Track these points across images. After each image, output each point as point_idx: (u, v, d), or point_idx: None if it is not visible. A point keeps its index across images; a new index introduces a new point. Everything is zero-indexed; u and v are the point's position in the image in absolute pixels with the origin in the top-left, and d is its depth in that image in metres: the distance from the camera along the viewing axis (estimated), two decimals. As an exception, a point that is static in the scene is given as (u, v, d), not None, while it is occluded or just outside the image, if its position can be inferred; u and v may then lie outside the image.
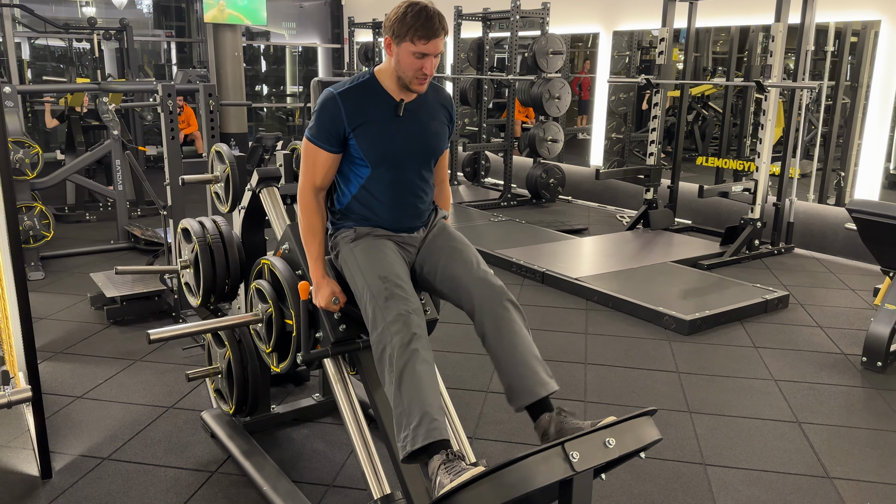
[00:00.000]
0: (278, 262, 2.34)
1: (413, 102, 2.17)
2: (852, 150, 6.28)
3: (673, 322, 4.16)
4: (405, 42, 2.02)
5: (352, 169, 2.18)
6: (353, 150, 2.14)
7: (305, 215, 2.17)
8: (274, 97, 13.58)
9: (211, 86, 4.48)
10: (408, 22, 1.99)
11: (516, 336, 2.03)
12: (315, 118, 2.13)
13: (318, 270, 2.16)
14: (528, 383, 1.98)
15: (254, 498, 2.50)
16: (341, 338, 2.19)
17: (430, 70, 2.06)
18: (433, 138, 2.22)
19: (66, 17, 11.00)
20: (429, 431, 1.81)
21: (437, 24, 2.01)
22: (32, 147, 5.15)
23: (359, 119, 2.10)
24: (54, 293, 4.75)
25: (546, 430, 1.96)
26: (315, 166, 2.15)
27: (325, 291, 2.14)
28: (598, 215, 7.44)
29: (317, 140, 2.13)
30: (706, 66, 8.72)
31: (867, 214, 3.65)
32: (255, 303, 2.44)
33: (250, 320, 2.43)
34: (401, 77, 2.09)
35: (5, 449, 2.82)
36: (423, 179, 2.23)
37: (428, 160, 2.23)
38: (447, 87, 10.23)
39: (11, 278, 2.46)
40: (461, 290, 2.10)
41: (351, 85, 2.13)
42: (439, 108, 2.24)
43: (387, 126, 2.13)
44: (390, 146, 2.13)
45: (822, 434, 3.03)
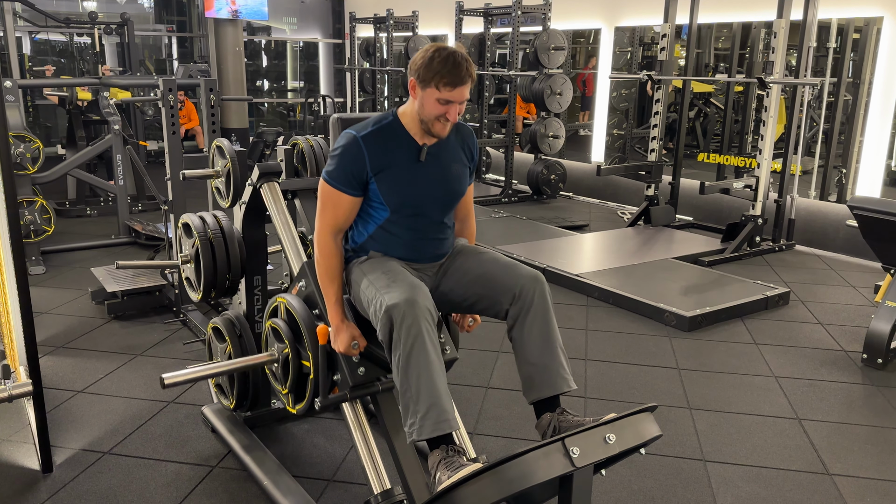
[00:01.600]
0: (295, 301, 2.25)
1: (435, 145, 2.11)
2: (854, 147, 6.27)
3: (673, 318, 4.16)
4: (430, 87, 1.97)
5: (370, 211, 2.12)
6: (372, 193, 2.08)
7: (324, 258, 2.10)
8: (275, 92, 13.56)
9: (212, 81, 4.48)
10: (434, 67, 1.95)
11: (551, 327, 2.02)
12: (336, 160, 2.06)
13: (336, 314, 2.09)
14: (551, 376, 1.98)
15: (254, 492, 2.51)
16: (360, 381, 2.13)
17: (454, 117, 2.01)
18: (454, 182, 2.16)
19: (67, 11, 10.99)
20: (436, 424, 1.81)
21: (464, 72, 1.96)
22: (33, 141, 5.14)
23: (381, 164, 2.05)
24: (55, 288, 4.75)
25: (545, 430, 1.97)
26: (336, 209, 2.09)
27: (345, 336, 2.07)
28: (599, 212, 7.43)
29: (338, 184, 2.06)
30: (708, 62, 8.70)
31: (868, 211, 3.64)
32: (270, 342, 2.35)
33: (266, 360, 2.34)
34: (423, 120, 2.04)
35: (6, 443, 2.83)
36: (443, 222, 2.17)
37: (450, 204, 2.18)
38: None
39: (12, 273, 2.46)
40: (501, 280, 2.05)
41: (374, 128, 2.07)
42: (461, 149, 2.18)
43: (408, 171, 2.07)
44: (411, 191, 2.08)
45: (822, 431, 3.03)
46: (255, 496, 2.49)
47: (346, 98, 11.83)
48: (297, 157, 2.89)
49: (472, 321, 2.33)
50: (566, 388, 1.99)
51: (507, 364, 3.62)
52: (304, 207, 2.62)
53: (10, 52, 9.73)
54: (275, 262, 4.60)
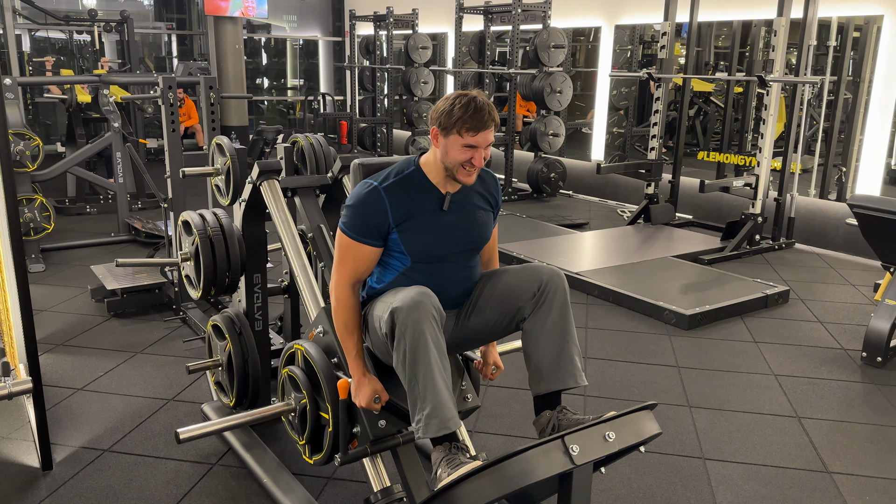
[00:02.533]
0: (312, 348, 2.16)
1: (458, 193, 2.07)
2: (854, 146, 6.27)
3: (673, 317, 4.16)
4: (453, 134, 1.93)
5: (390, 260, 2.07)
6: (392, 243, 2.03)
7: (343, 310, 2.03)
8: (275, 90, 13.55)
9: (212, 78, 4.48)
10: (456, 114, 1.91)
11: (569, 321, 2.02)
12: (355, 212, 2.00)
13: (357, 369, 2.02)
14: (560, 371, 1.97)
15: (254, 490, 2.51)
16: (381, 434, 2.06)
17: (480, 162, 1.96)
18: (479, 228, 2.12)
19: (67, 8, 10.97)
20: (441, 423, 1.80)
21: (486, 116, 1.92)
22: (33, 139, 5.14)
23: (404, 214, 2.00)
24: (55, 285, 4.75)
25: (544, 428, 1.96)
26: (356, 260, 2.03)
27: (367, 391, 2.00)
28: (598, 210, 7.43)
29: (358, 235, 2.00)
30: (708, 60, 8.69)
31: (868, 210, 3.65)
32: (287, 390, 2.26)
33: (283, 411, 2.24)
34: (448, 168, 1.99)
35: (6, 440, 2.83)
36: (467, 267, 2.13)
37: (474, 252, 2.14)
38: (448, 82, 10.23)
39: (12, 270, 2.46)
40: (522, 284, 2.02)
41: (395, 179, 2.01)
42: (484, 195, 2.15)
43: (431, 221, 2.03)
44: (434, 241, 2.03)
45: (822, 429, 3.03)
46: (255, 494, 2.49)
47: (346, 96, 11.82)
48: (297, 155, 2.89)
49: (495, 368, 2.29)
50: (573, 384, 1.97)
51: (507, 363, 3.60)
52: (303, 205, 2.62)
53: (10, 49, 9.71)
54: (274, 260, 4.59)
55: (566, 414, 1.96)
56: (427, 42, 9.31)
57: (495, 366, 2.29)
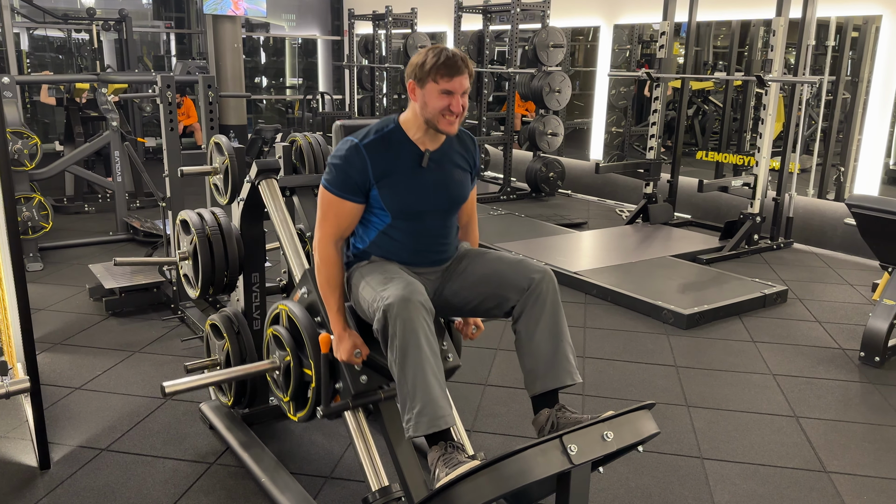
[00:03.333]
0: (297, 308, 2.22)
1: (437, 151, 2.11)
2: (852, 146, 6.28)
3: (671, 316, 4.17)
4: (429, 83, 1.98)
5: (371, 217, 2.12)
6: (373, 200, 2.08)
7: (325, 266, 2.09)
8: (273, 89, 13.54)
9: (210, 77, 4.47)
10: (429, 62, 1.96)
11: (560, 320, 2.03)
12: (337, 168, 2.05)
13: (338, 323, 2.08)
14: (556, 369, 1.98)
15: (252, 489, 2.51)
16: (362, 389, 2.11)
17: (458, 108, 2.00)
18: (457, 187, 2.16)
19: (66, 7, 10.96)
20: (431, 421, 1.81)
21: (459, 62, 1.97)
22: (31, 138, 5.13)
23: (383, 171, 2.04)
24: (53, 284, 4.75)
25: (543, 427, 1.97)
26: (338, 217, 2.08)
27: (347, 345, 2.05)
28: (597, 209, 7.43)
29: (340, 191, 2.05)
30: (707, 60, 8.70)
31: (866, 210, 3.65)
32: (272, 349, 2.32)
33: (267, 368, 2.31)
34: (428, 120, 2.03)
35: (4, 440, 2.82)
36: (445, 227, 2.17)
37: (452, 210, 2.18)
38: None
39: (10, 269, 2.45)
40: (509, 276, 2.04)
41: (375, 136, 2.06)
42: (462, 155, 2.19)
43: (410, 178, 2.08)
44: (413, 198, 2.08)
45: (820, 428, 3.03)
46: (253, 493, 2.49)
47: (345, 95, 11.81)
48: (296, 154, 2.89)
49: (476, 328, 2.33)
50: (570, 382, 1.99)
51: (505, 361, 3.63)
52: (302, 204, 2.62)
53: (8, 48, 9.70)
54: (273, 259, 4.59)
55: (564, 413, 1.96)
56: (426, 41, 9.30)
57: (476, 326, 2.33)
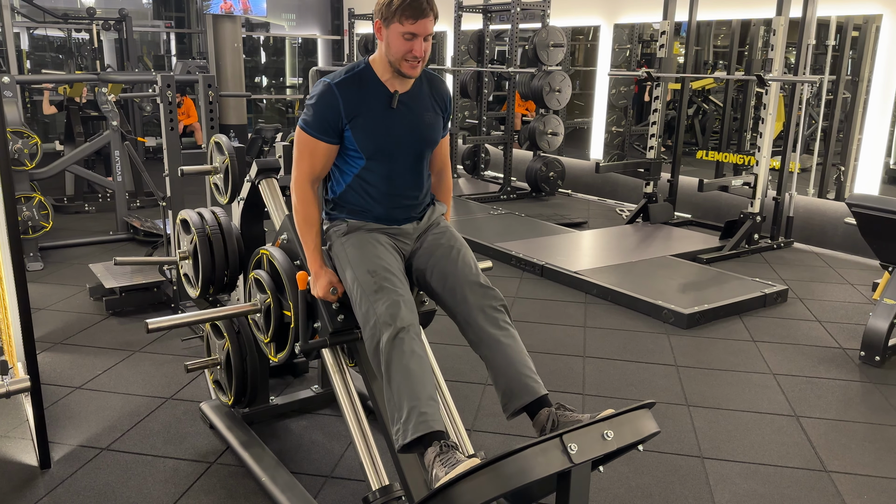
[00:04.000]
0: (277, 252, 2.33)
1: (407, 94, 2.15)
2: (852, 145, 6.27)
3: (672, 316, 4.17)
4: (394, 23, 2.00)
5: (346, 159, 2.18)
6: (347, 141, 2.14)
7: (302, 206, 2.16)
8: (273, 89, 13.54)
9: (210, 77, 4.47)
10: (395, 3, 1.99)
11: (514, 341, 2.07)
12: (312, 109, 2.11)
13: (315, 261, 2.16)
14: (527, 382, 2.01)
15: (252, 489, 2.51)
16: (339, 328, 2.19)
17: (420, 52, 2.03)
18: (427, 130, 2.20)
19: (66, 7, 10.95)
20: (417, 425, 1.82)
21: (424, 4, 1.99)
22: (31, 137, 5.13)
23: (355, 111, 2.09)
24: (53, 284, 4.75)
25: (544, 426, 1.97)
26: (313, 157, 2.14)
27: (323, 281, 2.14)
28: (597, 209, 7.43)
29: (314, 131, 2.11)
30: (707, 59, 8.69)
31: (867, 209, 3.65)
32: (253, 293, 2.44)
33: (249, 310, 2.42)
34: (392, 62, 2.06)
35: (4, 439, 2.83)
36: (417, 171, 2.22)
37: (422, 152, 2.22)
38: (447, 80, 10.22)
39: (10, 269, 2.45)
40: (456, 291, 2.11)
41: (347, 75, 2.11)
42: (434, 99, 2.23)
43: (381, 118, 2.12)
44: (384, 139, 2.13)
45: (820, 428, 3.03)
46: (253, 492, 2.49)
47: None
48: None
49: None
50: (543, 392, 2.02)
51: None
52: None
53: (9, 47, 9.70)
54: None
55: (564, 412, 1.96)
56: (426, 41, 9.29)
57: None
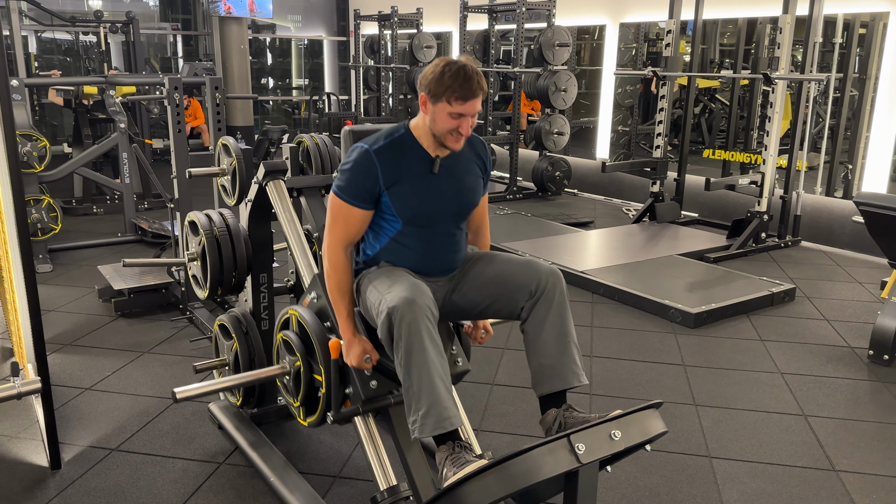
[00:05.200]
0: (306, 313, 2.22)
1: (448, 157, 2.09)
2: (860, 143, 6.25)
3: (679, 315, 4.16)
4: (441, 102, 1.95)
5: (381, 223, 2.11)
6: (384, 206, 2.06)
7: (335, 272, 2.08)
8: (280, 90, 13.57)
9: (217, 79, 4.49)
10: (445, 82, 1.93)
11: (567, 321, 2.03)
12: (347, 174, 2.04)
13: (348, 329, 2.07)
14: (562, 370, 1.99)
15: (261, 489, 2.52)
16: (372, 395, 2.11)
17: (467, 130, 1.99)
18: (468, 193, 2.15)
19: (73, 10, 11.01)
20: (437, 422, 1.82)
21: (475, 85, 1.94)
22: (40, 140, 5.16)
23: (394, 177, 2.03)
24: (62, 286, 4.78)
25: (550, 426, 1.97)
26: (347, 223, 2.07)
27: (357, 350, 2.05)
28: (604, 208, 7.42)
29: (350, 198, 2.04)
30: (713, 58, 8.67)
31: (875, 207, 3.63)
32: (282, 353, 2.32)
33: (278, 373, 2.30)
34: (436, 135, 2.02)
35: (15, 440, 2.85)
36: (456, 233, 2.16)
37: (463, 216, 2.17)
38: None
39: (20, 271, 2.47)
40: (518, 277, 2.04)
41: (386, 142, 2.05)
42: (474, 160, 2.17)
43: (421, 184, 2.06)
44: (424, 204, 2.07)
45: (828, 427, 3.02)
46: (262, 492, 2.50)
47: (351, 96, 11.83)
48: (303, 155, 2.90)
49: (485, 332, 2.32)
50: (576, 383, 1.99)
51: (512, 361, 3.63)
52: (309, 205, 2.63)
53: (17, 50, 9.75)
54: (280, 260, 4.61)
55: (572, 412, 1.96)
56: (431, 41, 9.31)
57: (485, 330, 2.33)
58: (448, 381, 1.88)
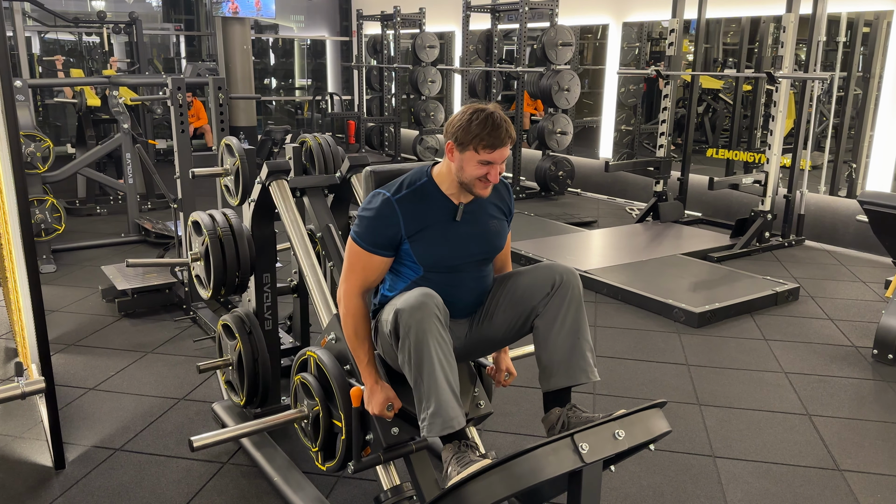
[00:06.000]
0: (325, 355, 2.14)
1: (471, 203, 2.05)
2: (864, 142, 6.23)
3: (683, 314, 4.15)
4: (469, 150, 1.91)
5: (402, 269, 2.05)
6: (404, 254, 2.01)
7: (352, 319, 2.01)
8: (283, 90, 13.59)
9: (220, 79, 4.49)
10: (473, 130, 1.88)
11: (582, 318, 2.02)
12: (368, 222, 1.98)
13: (370, 377, 2.00)
14: (572, 367, 1.97)
15: (264, 488, 2.52)
16: (394, 442, 2.04)
17: (495, 178, 1.95)
18: (493, 238, 2.09)
19: (76, 11, 11.03)
20: (445, 422, 1.81)
21: (503, 134, 1.90)
22: (44, 141, 5.17)
23: (416, 226, 1.98)
24: (66, 286, 4.79)
25: (553, 425, 1.96)
26: (366, 270, 2.01)
27: (380, 398, 1.98)
28: (607, 208, 7.42)
29: (370, 246, 1.98)
30: (717, 57, 8.66)
31: (879, 206, 3.63)
32: (300, 397, 2.24)
33: (296, 417, 2.22)
34: (463, 183, 1.98)
35: (19, 440, 2.85)
36: (481, 277, 2.10)
37: (488, 261, 2.13)
38: (455, 81, 10.22)
39: (24, 271, 2.48)
40: (536, 285, 2.01)
41: (409, 190, 1.99)
42: (497, 203, 2.12)
43: (444, 231, 2.01)
44: (447, 252, 2.02)
45: (833, 427, 3.02)
46: (266, 492, 2.51)
47: (354, 95, 11.84)
48: (306, 155, 2.90)
49: (508, 374, 2.28)
50: (585, 380, 1.97)
51: (516, 361, 3.61)
52: (312, 205, 2.63)
53: (20, 51, 9.78)
54: (283, 260, 4.61)
55: (576, 412, 1.96)
56: (434, 41, 9.31)
57: (508, 372, 2.27)
58: (455, 380, 1.86)
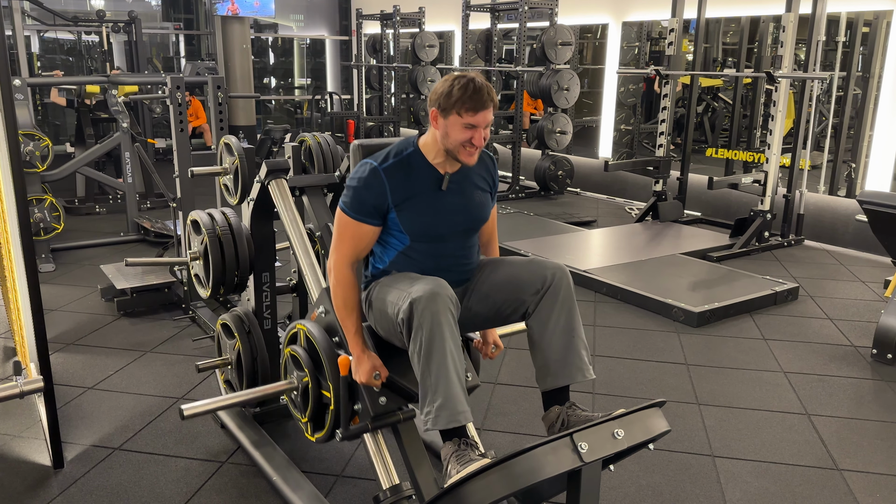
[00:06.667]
0: (314, 328, 2.18)
1: (457, 173, 2.09)
2: (863, 142, 6.23)
3: (682, 314, 4.15)
4: (452, 115, 1.95)
5: (390, 239, 2.10)
6: (391, 223, 2.06)
7: (341, 289, 2.06)
8: (282, 89, 13.58)
9: (219, 78, 4.49)
10: (455, 94, 1.93)
11: (575, 316, 2.02)
12: (355, 191, 2.03)
13: (357, 346, 2.05)
14: (568, 366, 1.98)
15: (263, 488, 2.52)
16: (382, 411, 2.09)
17: (480, 142, 1.98)
18: (477, 209, 2.15)
19: (75, 9, 11.02)
20: (451, 416, 1.82)
21: (485, 96, 1.94)
22: (42, 139, 5.17)
23: (403, 195, 2.02)
24: (65, 285, 4.78)
25: (553, 423, 1.97)
26: (355, 239, 2.06)
27: (367, 366, 2.03)
28: (606, 207, 7.42)
29: (358, 214, 2.03)
30: (716, 56, 8.66)
31: (878, 206, 3.63)
32: (289, 369, 2.28)
33: (285, 389, 2.27)
34: (449, 150, 2.01)
35: (18, 439, 2.85)
36: (466, 247, 2.15)
37: (473, 231, 2.16)
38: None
39: (23, 270, 2.47)
40: (526, 277, 2.03)
41: (395, 160, 2.04)
42: (482, 175, 2.17)
43: (430, 201, 2.05)
44: (433, 221, 2.06)
45: (832, 426, 3.02)
46: (265, 491, 2.50)
47: (353, 95, 11.83)
48: (305, 154, 2.90)
49: (495, 347, 2.31)
50: (581, 378, 1.98)
51: (515, 360, 3.63)
52: (311, 204, 2.63)
53: (19, 50, 9.77)
54: (283, 259, 4.61)
55: (575, 411, 1.96)
56: (434, 40, 9.30)
57: (495, 345, 2.32)
58: (463, 375, 1.88)
